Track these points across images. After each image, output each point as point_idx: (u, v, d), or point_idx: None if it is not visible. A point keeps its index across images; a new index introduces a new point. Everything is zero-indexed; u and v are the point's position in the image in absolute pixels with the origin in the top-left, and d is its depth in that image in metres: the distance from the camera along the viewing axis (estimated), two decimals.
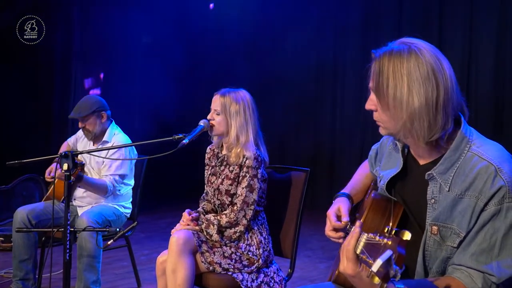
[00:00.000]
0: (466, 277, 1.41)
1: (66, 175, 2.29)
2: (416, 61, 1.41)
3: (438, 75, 1.41)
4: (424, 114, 1.40)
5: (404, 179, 1.60)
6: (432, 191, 1.49)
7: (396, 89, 1.40)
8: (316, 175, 6.52)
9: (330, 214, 1.73)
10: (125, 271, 4.05)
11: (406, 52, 1.43)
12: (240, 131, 2.55)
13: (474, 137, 1.49)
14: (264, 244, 2.56)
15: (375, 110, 1.50)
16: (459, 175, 1.45)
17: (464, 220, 1.42)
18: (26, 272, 3.20)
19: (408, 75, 1.40)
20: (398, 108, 1.41)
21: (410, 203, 1.58)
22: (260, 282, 2.47)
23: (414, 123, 1.41)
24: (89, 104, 3.33)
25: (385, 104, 1.44)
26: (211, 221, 2.51)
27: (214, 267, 2.44)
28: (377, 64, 1.45)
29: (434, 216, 1.48)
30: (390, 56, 1.43)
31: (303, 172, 2.72)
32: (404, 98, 1.40)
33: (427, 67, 1.41)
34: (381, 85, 1.43)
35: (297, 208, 2.67)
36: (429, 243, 1.50)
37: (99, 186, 3.24)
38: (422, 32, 5.65)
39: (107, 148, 3.19)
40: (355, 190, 1.89)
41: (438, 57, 1.44)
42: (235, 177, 2.55)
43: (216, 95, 2.62)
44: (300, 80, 6.83)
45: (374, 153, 1.86)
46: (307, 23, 6.78)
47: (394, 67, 1.41)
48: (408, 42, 1.47)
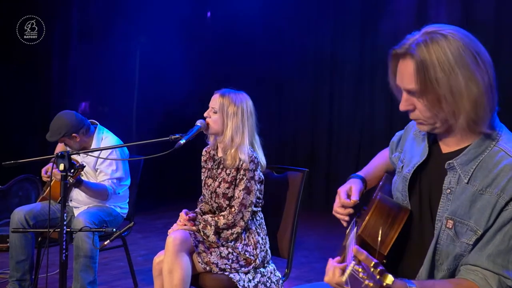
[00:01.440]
0: (481, 279, 1.35)
1: (62, 175, 2.28)
2: (458, 45, 1.32)
3: (481, 55, 1.35)
4: (485, 99, 1.33)
5: (425, 167, 1.53)
6: (450, 181, 1.42)
7: (450, 80, 1.31)
8: (313, 176, 6.53)
9: (341, 191, 1.68)
10: (122, 271, 4.04)
11: (443, 39, 1.33)
12: (235, 132, 2.54)
13: (503, 132, 1.43)
14: (262, 245, 2.56)
15: (412, 110, 1.42)
16: (481, 169, 1.38)
17: (483, 217, 1.36)
18: (23, 272, 3.19)
19: (457, 62, 1.31)
20: (458, 100, 1.32)
21: (425, 192, 1.51)
22: (257, 282, 2.47)
23: (479, 111, 1.33)
24: (58, 129, 3.22)
25: (435, 99, 1.34)
26: (209, 222, 2.51)
27: (211, 267, 2.44)
28: (414, 59, 1.34)
29: (451, 210, 1.41)
30: (427, 47, 1.33)
31: (300, 172, 2.71)
32: (462, 87, 1.31)
33: (470, 49, 1.33)
34: (428, 81, 1.32)
35: (294, 208, 2.67)
36: (442, 237, 1.43)
37: (100, 190, 3.21)
38: None
39: (102, 148, 3.17)
40: (370, 175, 1.81)
41: (470, 36, 1.37)
42: (232, 180, 2.55)
43: (216, 94, 2.62)
44: (298, 80, 6.83)
45: (397, 139, 1.77)
46: (306, 22, 6.79)
47: (438, 58, 1.31)
48: (435, 29, 1.37)
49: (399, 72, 1.42)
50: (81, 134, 3.29)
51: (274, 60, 6.92)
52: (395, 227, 1.48)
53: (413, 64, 1.35)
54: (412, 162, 1.56)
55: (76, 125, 3.27)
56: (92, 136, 3.38)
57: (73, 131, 3.25)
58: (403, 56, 1.39)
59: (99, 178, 3.30)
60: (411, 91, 1.39)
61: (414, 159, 1.56)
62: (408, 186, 1.55)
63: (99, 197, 3.26)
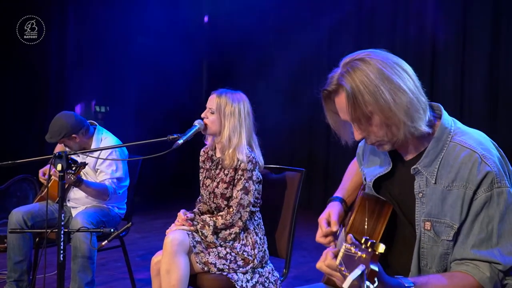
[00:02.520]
0: (474, 268, 1.38)
1: (60, 175, 2.28)
2: (376, 63, 1.38)
3: (400, 63, 1.41)
4: (415, 102, 1.38)
5: (392, 176, 1.58)
6: (419, 185, 1.47)
7: (378, 100, 1.35)
8: (312, 176, 6.53)
9: (321, 221, 1.70)
10: (120, 271, 4.04)
11: (362, 63, 1.39)
12: (232, 132, 2.54)
13: (455, 126, 1.48)
14: (260, 245, 2.56)
15: (367, 136, 1.46)
16: (444, 166, 1.43)
17: (456, 211, 1.40)
18: (20, 273, 3.18)
19: (380, 79, 1.36)
20: (391, 116, 1.37)
21: (400, 201, 1.55)
22: (255, 283, 2.47)
23: (413, 117, 1.37)
24: (58, 130, 3.23)
25: (375, 122, 1.39)
26: (207, 222, 2.51)
27: (209, 268, 2.43)
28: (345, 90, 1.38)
29: (426, 212, 1.45)
30: (350, 76, 1.38)
31: (298, 172, 2.71)
32: (390, 102, 1.35)
33: (388, 62, 1.39)
34: (362, 108, 1.37)
35: (292, 208, 2.66)
36: (424, 240, 1.47)
37: (100, 189, 3.20)
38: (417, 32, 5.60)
39: (102, 148, 3.16)
40: (347, 191, 1.85)
41: (384, 52, 1.43)
42: (230, 181, 2.55)
43: (213, 94, 2.62)
44: (296, 79, 6.83)
45: (361, 151, 1.82)
46: (304, 22, 6.79)
47: (362, 82, 1.36)
48: (351, 57, 1.44)
49: (339, 108, 1.46)
50: (80, 135, 3.29)
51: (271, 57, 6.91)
52: (381, 220, 1.52)
53: (343, 96, 1.40)
54: (374, 172, 1.61)
55: (75, 126, 3.26)
56: (91, 137, 3.38)
57: (73, 132, 3.24)
58: (336, 92, 1.44)
59: (99, 178, 3.29)
60: (353, 120, 1.43)
61: (376, 170, 1.61)
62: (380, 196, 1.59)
63: (99, 196, 3.25)
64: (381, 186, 1.60)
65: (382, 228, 1.50)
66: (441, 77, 5.58)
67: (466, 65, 5.43)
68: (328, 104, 1.50)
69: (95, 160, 3.29)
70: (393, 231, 1.56)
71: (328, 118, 1.53)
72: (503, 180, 1.38)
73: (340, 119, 1.49)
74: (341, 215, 1.73)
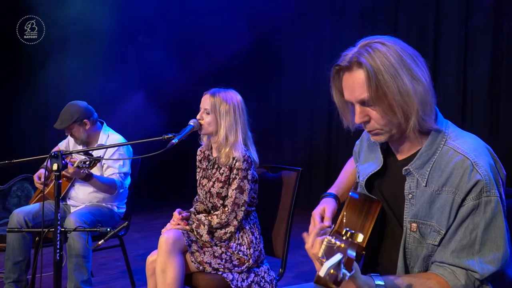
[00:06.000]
0: (449, 274, 1.39)
1: (56, 175, 2.28)
2: (396, 49, 1.38)
3: (417, 56, 1.41)
4: (429, 96, 1.38)
5: (383, 175, 1.58)
6: (409, 186, 1.47)
7: (397, 83, 1.34)
8: (313, 175, 6.52)
9: (315, 215, 1.71)
10: (119, 271, 4.05)
11: (382, 46, 1.38)
12: (229, 131, 2.54)
13: (450, 130, 1.46)
14: (255, 244, 2.55)
15: (367, 121, 1.44)
16: (436, 170, 1.42)
17: (443, 216, 1.40)
18: (19, 274, 3.18)
19: (400, 64, 1.36)
20: (407, 101, 1.36)
21: (390, 200, 1.55)
22: (250, 282, 2.47)
23: (426, 108, 1.38)
24: (70, 114, 3.29)
25: (387, 105, 1.37)
26: (202, 221, 2.51)
27: (204, 267, 2.43)
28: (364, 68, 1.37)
29: (413, 213, 1.45)
30: (370, 55, 1.37)
31: (295, 171, 2.71)
32: (409, 88, 1.35)
33: (408, 51, 1.39)
34: (379, 87, 1.35)
35: (289, 207, 2.66)
36: (409, 241, 1.47)
37: (109, 183, 3.25)
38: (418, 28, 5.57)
39: (102, 147, 3.18)
40: (341, 189, 1.86)
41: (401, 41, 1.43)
42: (225, 180, 2.55)
43: (206, 95, 2.61)
44: (297, 79, 6.82)
45: (357, 148, 1.81)
46: (304, 20, 6.77)
47: (383, 63, 1.35)
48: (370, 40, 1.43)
49: (347, 86, 1.44)
50: (90, 123, 3.36)
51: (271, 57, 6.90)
52: (369, 218, 1.52)
53: (363, 73, 1.38)
54: (367, 171, 1.61)
55: (87, 111, 3.37)
56: (98, 132, 3.42)
57: (85, 117, 3.33)
58: (349, 69, 1.42)
59: (106, 173, 3.33)
60: (365, 101, 1.41)
61: (369, 168, 1.61)
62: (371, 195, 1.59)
63: (108, 190, 3.28)
64: (373, 185, 1.60)
65: (371, 226, 1.50)
66: (442, 77, 5.56)
67: (468, 64, 5.41)
68: (336, 82, 1.49)
69: (102, 155, 3.33)
70: (382, 229, 1.56)
71: (334, 97, 1.52)
72: (492, 189, 1.36)
73: (344, 100, 1.48)
74: (334, 212, 1.73)
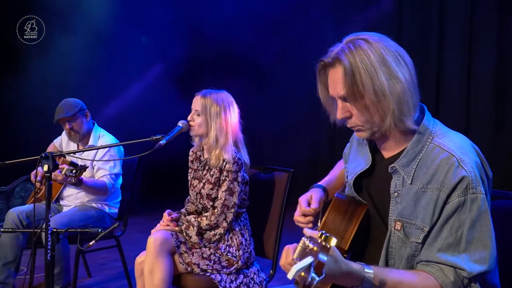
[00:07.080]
0: (438, 271, 1.37)
1: (46, 176, 2.29)
2: (379, 47, 1.37)
3: (402, 54, 1.40)
4: (408, 95, 1.37)
5: (371, 174, 1.57)
6: (395, 184, 1.46)
7: (374, 82, 1.34)
8: (314, 177, 6.47)
9: (301, 200, 1.71)
10: (118, 271, 4.06)
11: (365, 43, 1.38)
12: (219, 132, 2.53)
13: (437, 128, 1.45)
14: (245, 246, 2.54)
15: (349, 117, 1.44)
16: (422, 168, 1.41)
17: (428, 214, 1.38)
18: (7, 275, 3.16)
19: (379, 62, 1.35)
20: (382, 100, 1.36)
21: (376, 199, 1.54)
22: (239, 283, 2.46)
23: (403, 108, 1.37)
24: (73, 104, 3.34)
25: (363, 104, 1.38)
26: (191, 223, 2.50)
27: (192, 268, 2.43)
28: (342, 65, 1.37)
29: (398, 211, 1.44)
30: (351, 53, 1.37)
31: (286, 172, 2.69)
32: (385, 87, 1.34)
33: (391, 49, 1.38)
34: (355, 86, 1.36)
35: (280, 208, 2.64)
36: (393, 240, 1.45)
37: (99, 186, 3.25)
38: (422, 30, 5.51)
39: (93, 148, 3.19)
40: (331, 184, 1.85)
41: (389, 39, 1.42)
42: (215, 181, 2.54)
43: (197, 96, 2.60)
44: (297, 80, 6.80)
45: (347, 150, 1.80)
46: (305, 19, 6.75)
47: (362, 61, 1.35)
48: (356, 36, 1.43)
49: (331, 82, 1.45)
50: (89, 116, 3.42)
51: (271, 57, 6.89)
52: (353, 221, 1.50)
53: (341, 70, 1.39)
54: (356, 169, 1.60)
55: (84, 106, 3.43)
56: (90, 132, 3.44)
57: (86, 109, 3.40)
58: (332, 65, 1.42)
59: (97, 175, 3.33)
60: (343, 97, 1.42)
61: (358, 167, 1.60)
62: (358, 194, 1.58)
63: (99, 193, 3.29)
64: (362, 185, 1.59)
65: (354, 229, 1.48)
66: (447, 77, 5.52)
67: (473, 64, 5.36)
68: (321, 77, 1.49)
69: (92, 157, 3.34)
70: (368, 230, 1.55)
71: (319, 92, 1.53)
72: (478, 186, 1.34)
73: (329, 95, 1.49)
74: (321, 201, 1.73)
